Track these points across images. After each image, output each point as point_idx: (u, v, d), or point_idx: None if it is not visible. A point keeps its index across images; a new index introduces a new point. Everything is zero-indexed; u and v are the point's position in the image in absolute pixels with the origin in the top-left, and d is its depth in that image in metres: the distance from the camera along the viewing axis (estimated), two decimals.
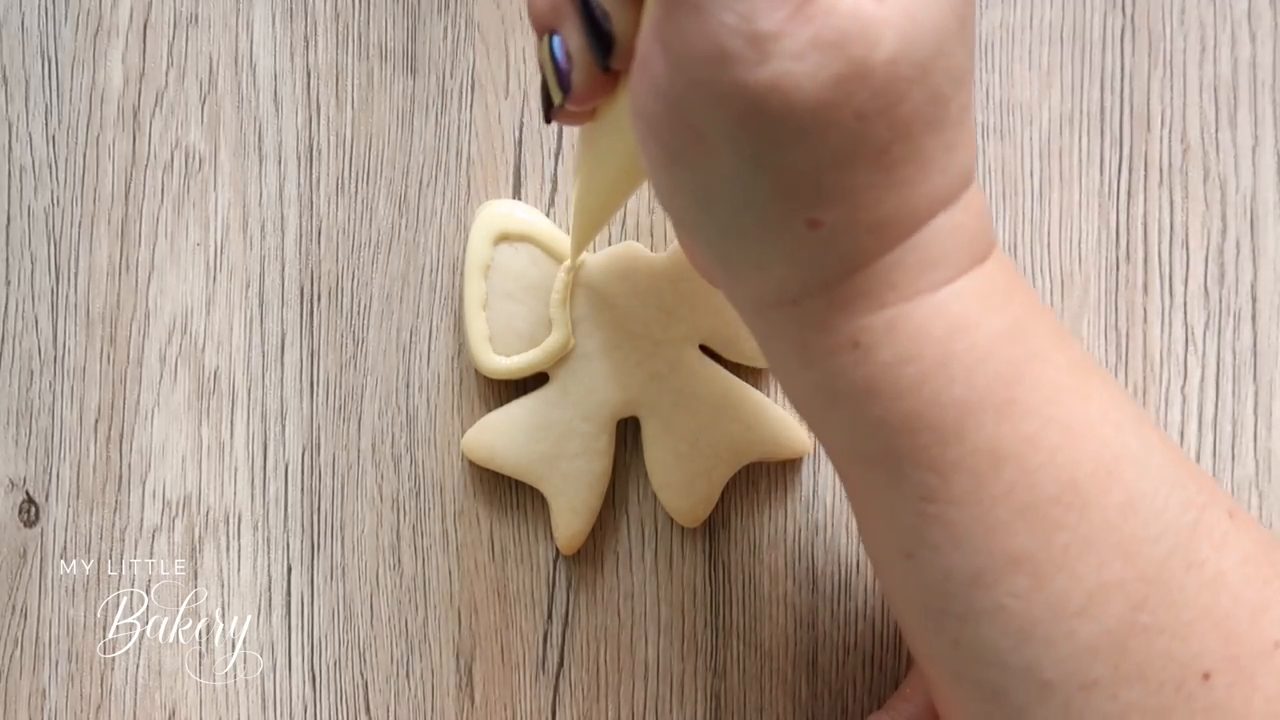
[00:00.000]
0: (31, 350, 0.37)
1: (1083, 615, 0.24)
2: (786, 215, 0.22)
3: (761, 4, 0.20)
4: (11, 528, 0.36)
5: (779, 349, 0.25)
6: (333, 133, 0.37)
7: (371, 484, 0.36)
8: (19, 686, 0.36)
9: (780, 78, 0.21)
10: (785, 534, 0.36)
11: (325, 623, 0.36)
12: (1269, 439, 0.36)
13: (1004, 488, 0.24)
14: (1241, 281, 0.36)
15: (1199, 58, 0.36)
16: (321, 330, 0.37)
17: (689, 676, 0.36)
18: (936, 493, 0.24)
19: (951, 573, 0.24)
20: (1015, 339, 0.24)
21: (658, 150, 0.23)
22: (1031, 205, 0.36)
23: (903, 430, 0.24)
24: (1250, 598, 0.24)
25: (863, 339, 0.23)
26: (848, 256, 0.23)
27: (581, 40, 0.24)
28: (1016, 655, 0.24)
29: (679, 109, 0.22)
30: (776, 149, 0.22)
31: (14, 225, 0.37)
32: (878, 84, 0.21)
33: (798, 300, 0.24)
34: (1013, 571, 0.24)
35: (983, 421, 0.23)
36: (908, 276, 0.23)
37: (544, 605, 0.36)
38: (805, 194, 0.22)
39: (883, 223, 0.23)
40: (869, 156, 0.22)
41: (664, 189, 0.24)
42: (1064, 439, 0.24)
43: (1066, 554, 0.24)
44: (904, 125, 0.22)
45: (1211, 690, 0.24)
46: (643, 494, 0.36)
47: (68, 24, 0.37)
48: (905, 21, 0.21)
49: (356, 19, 0.37)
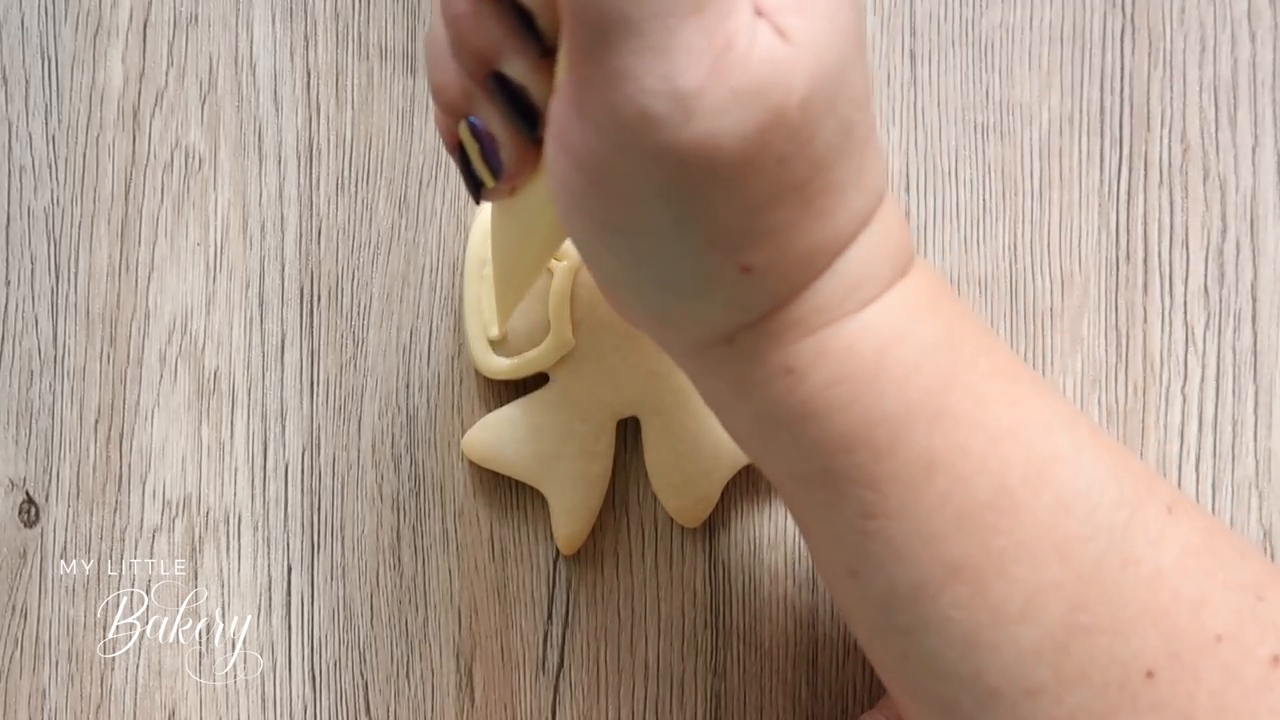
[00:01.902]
0: (31, 350, 0.37)
1: (1024, 619, 0.24)
2: (719, 264, 0.23)
3: (681, 63, 0.20)
4: (11, 528, 0.36)
5: (714, 385, 0.26)
6: (333, 133, 0.37)
7: (371, 484, 0.36)
8: (19, 686, 0.36)
9: (706, 134, 0.21)
10: (785, 534, 0.36)
11: (325, 623, 0.36)
12: (1269, 439, 0.36)
13: (939, 498, 0.24)
14: (1241, 281, 0.36)
15: (1199, 58, 0.36)
16: (321, 330, 0.37)
17: (689, 676, 0.36)
18: (875, 508, 0.24)
19: (895, 587, 0.24)
20: (943, 348, 0.24)
21: (584, 220, 0.23)
22: (1031, 205, 0.36)
23: (839, 449, 0.24)
24: (1190, 592, 0.24)
25: (795, 365, 0.24)
26: (777, 291, 0.23)
27: (503, 118, 0.24)
28: (963, 665, 0.24)
29: (604, 177, 0.22)
30: (705, 203, 0.22)
31: (14, 225, 0.37)
32: (794, 126, 0.21)
33: (731, 338, 0.24)
34: (954, 580, 0.24)
35: (914, 434, 0.24)
36: (834, 300, 0.24)
37: (544, 605, 0.36)
38: (736, 241, 0.22)
39: (808, 254, 0.23)
40: (791, 195, 0.22)
41: (594, 256, 0.24)
42: (993, 445, 0.24)
43: (1004, 559, 0.24)
44: (819, 160, 0.22)
45: (1156, 688, 0.24)
46: (643, 494, 0.36)
47: (68, 24, 0.37)
48: (813, 59, 0.21)
49: (356, 19, 0.37)
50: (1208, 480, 0.36)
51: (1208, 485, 0.36)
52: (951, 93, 0.36)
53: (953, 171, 0.36)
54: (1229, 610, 0.24)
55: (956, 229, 0.36)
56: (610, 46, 0.20)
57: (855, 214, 0.23)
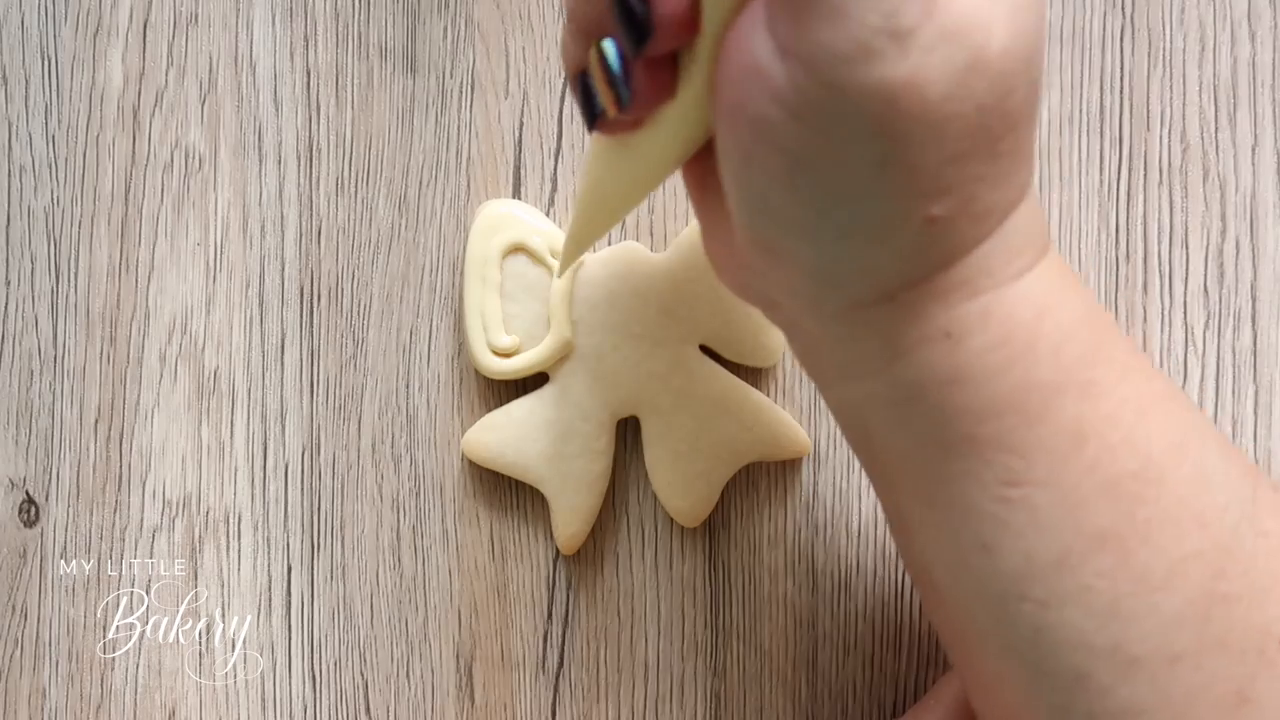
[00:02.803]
0: (31, 350, 0.37)
1: (1166, 588, 0.24)
2: (908, 211, 0.23)
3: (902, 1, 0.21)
4: (11, 528, 0.36)
5: (860, 350, 0.25)
6: (333, 133, 0.37)
7: (371, 484, 0.36)
8: (19, 686, 0.36)
9: (916, 72, 0.21)
10: (785, 534, 0.36)
11: (325, 623, 0.36)
12: (1269, 439, 0.36)
13: (1087, 466, 0.24)
14: (1241, 281, 0.36)
15: (1199, 58, 0.36)
16: (321, 330, 0.37)
17: (689, 676, 0.36)
18: (1020, 476, 0.24)
19: (1034, 557, 0.24)
20: (1089, 320, 0.25)
21: (777, 161, 0.23)
22: None
23: (988, 415, 0.24)
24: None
25: (955, 328, 0.24)
26: (953, 248, 0.23)
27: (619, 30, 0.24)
28: (1103, 635, 0.24)
29: (809, 115, 0.22)
30: (907, 145, 0.22)
31: (14, 225, 0.37)
32: (994, 75, 0.22)
33: (894, 296, 0.24)
34: (1097, 549, 0.24)
35: (1065, 402, 0.24)
36: (1000, 263, 0.24)
37: (544, 605, 0.36)
38: (928, 189, 0.22)
39: (986, 213, 0.23)
40: (984, 149, 0.22)
41: (769, 199, 0.24)
42: (1138, 416, 0.24)
43: (1149, 527, 0.24)
44: (1013, 117, 0.22)
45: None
46: (643, 494, 0.36)
47: (68, 24, 0.37)
48: (1010, 13, 0.22)
49: (356, 19, 0.37)
50: None
51: None
52: None
53: None
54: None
55: None
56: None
57: (1025, 180, 0.24)
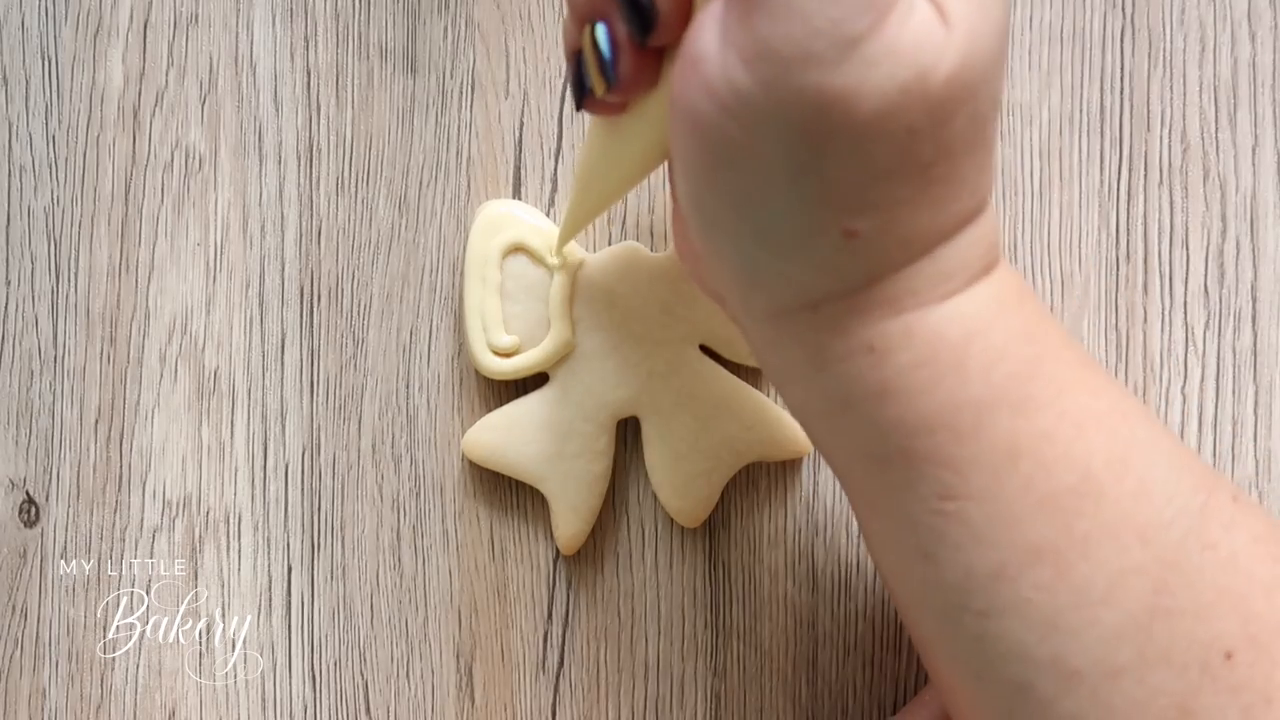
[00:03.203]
0: (31, 350, 0.37)
1: (1106, 602, 0.24)
2: (825, 223, 0.23)
3: (853, 8, 0.20)
4: (11, 528, 0.36)
5: (789, 355, 0.25)
6: (333, 133, 0.37)
7: (371, 484, 0.36)
8: (19, 686, 0.36)
9: (852, 84, 0.21)
10: (785, 534, 0.36)
11: (325, 623, 0.36)
12: (1269, 439, 0.36)
13: (1022, 481, 0.24)
14: (1241, 281, 0.36)
15: (1199, 58, 0.36)
16: (321, 330, 0.37)
17: (689, 676, 0.36)
18: (955, 490, 0.24)
19: (973, 569, 0.24)
20: (1027, 338, 0.25)
21: (701, 153, 0.23)
22: (1031, 205, 0.36)
23: (919, 430, 0.24)
24: (1263, 576, 0.25)
25: (878, 344, 0.24)
26: (874, 266, 0.23)
27: (624, 23, 0.24)
28: (1042, 647, 0.24)
29: (737, 110, 0.22)
30: (829, 156, 0.22)
31: (14, 225, 0.37)
32: (933, 100, 0.21)
33: (816, 306, 0.24)
34: (1035, 563, 0.24)
35: (998, 419, 0.24)
36: (927, 285, 0.24)
37: (544, 605, 0.36)
38: (848, 203, 0.22)
39: (913, 236, 0.23)
40: (912, 172, 0.22)
41: (698, 193, 0.24)
42: (1077, 431, 0.24)
43: (1087, 542, 0.24)
44: (947, 145, 0.22)
45: (1234, 669, 0.24)
46: (643, 494, 0.36)
47: (68, 24, 0.37)
48: (964, 42, 0.21)
49: (356, 19, 0.37)
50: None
51: None
52: None
53: None
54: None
55: None
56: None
57: (965, 210, 0.24)
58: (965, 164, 0.23)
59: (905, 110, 0.21)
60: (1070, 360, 0.25)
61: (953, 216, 0.24)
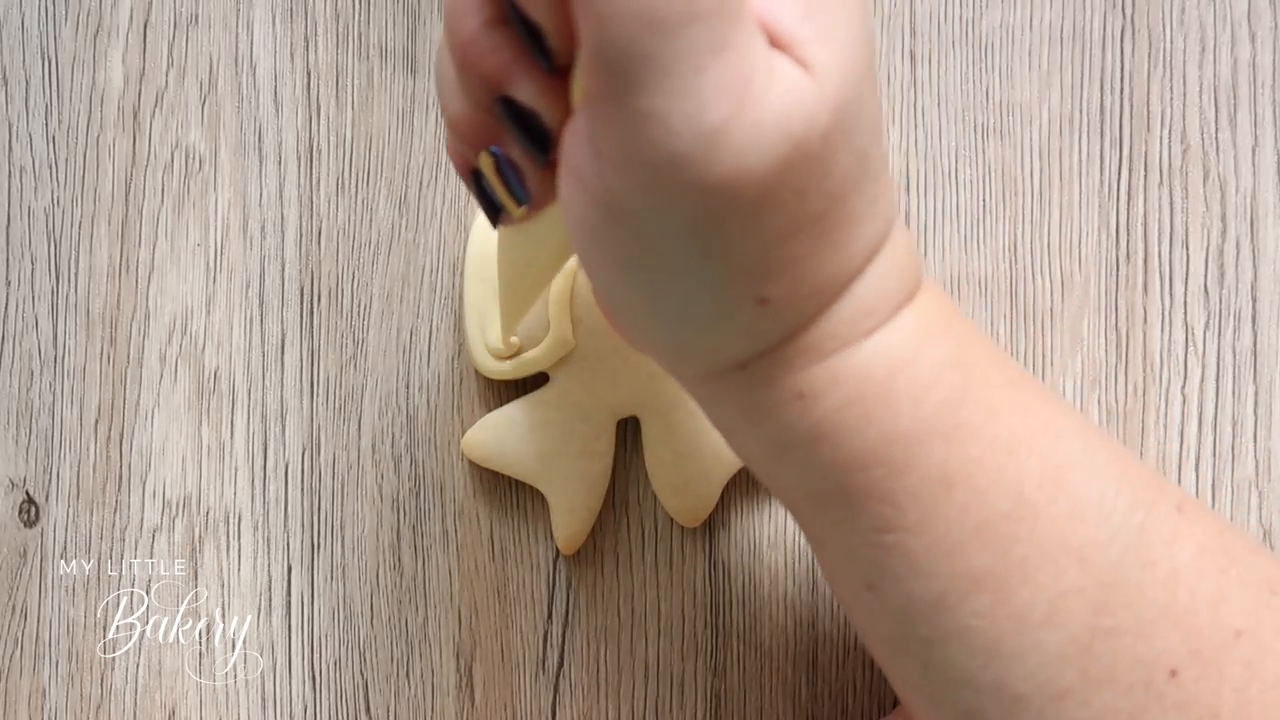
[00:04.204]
0: (31, 350, 0.37)
1: (1047, 625, 0.24)
2: (737, 297, 0.23)
3: (707, 101, 0.20)
4: (11, 528, 0.36)
5: (725, 411, 0.26)
6: (333, 133, 0.37)
7: (371, 484, 0.36)
8: (19, 686, 0.36)
9: (730, 171, 0.20)
10: (785, 534, 0.36)
11: (325, 623, 0.36)
12: (1269, 439, 0.36)
13: (957, 510, 0.24)
14: (1241, 281, 0.36)
15: (1199, 58, 0.36)
16: (321, 330, 0.37)
17: (689, 676, 0.36)
18: (892, 523, 0.24)
19: (914, 599, 0.24)
20: (955, 364, 0.24)
21: (600, 256, 0.23)
22: (1031, 205, 0.36)
23: (853, 468, 0.24)
24: (1207, 590, 0.24)
25: (807, 389, 0.24)
26: (792, 322, 0.23)
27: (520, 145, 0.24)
28: (986, 673, 0.24)
29: (622, 215, 0.22)
30: (724, 237, 0.22)
31: (14, 225, 0.37)
32: (814, 158, 0.21)
33: (744, 365, 0.24)
34: (974, 590, 0.24)
35: (930, 450, 0.24)
36: (847, 325, 0.24)
37: (544, 605, 0.36)
38: (754, 274, 0.22)
39: (823, 284, 0.23)
40: (808, 227, 0.22)
41: (608, 290, 0.24)
42: (1008, 455, 0.24)
43: (1025, 566, 0.24)
44: (835, 191, 0.22)
45: (1180, 686, 0.24)
46: (643, 494, 0.36)
47: (68, 24, 0.37)
48: (836, 89, 0.21)
49: (356, 19, 0.37)
50: (1208, 480, 0.36)
51: (1208, 485, 0.36)
52: (951, 93, 0.36)
53: (953, 172, 0.36)
54: (1246, 606, 0.25)
55: (956, 229, 0.36)
56: (635, 88, 0.20)
57: (869, 243, 0.23)
58: (857, 201, 0.23)
59: (787, 179, 0.21)
60: (999, 382, 0.25)
61: (858, 254, 0.23)
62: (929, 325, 0.25)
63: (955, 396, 0.24)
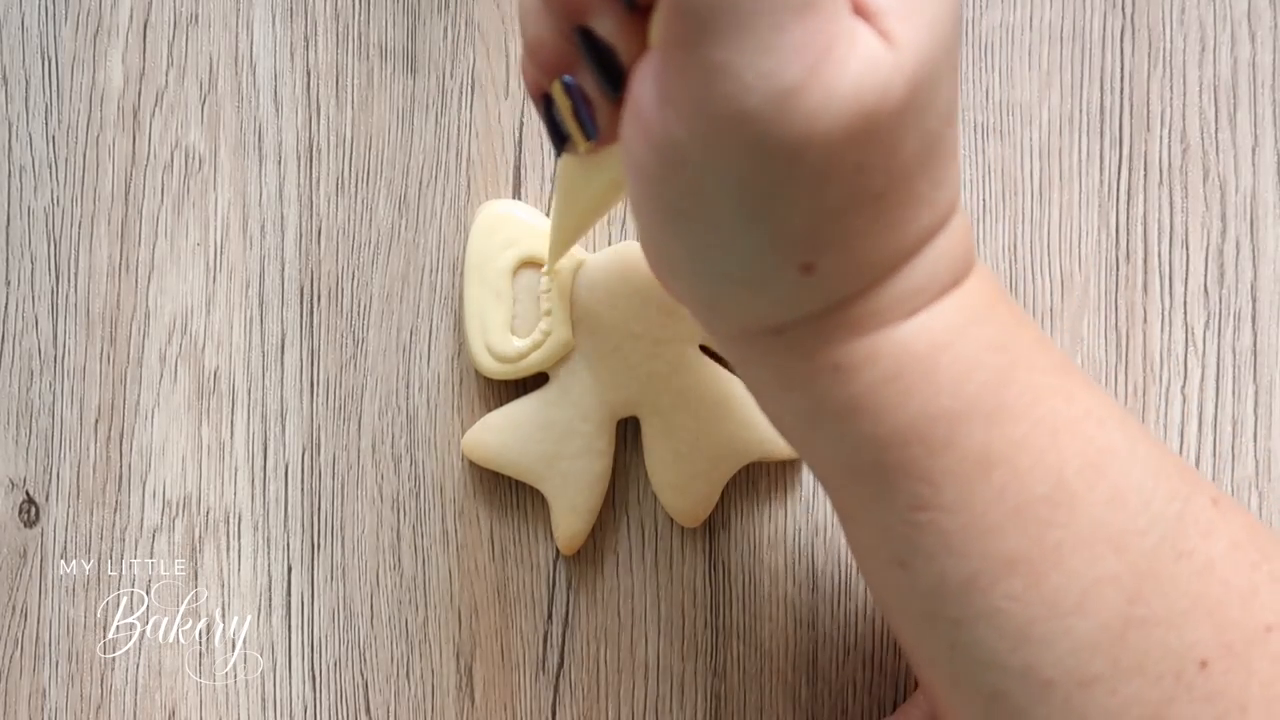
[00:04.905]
0: (31, 350, 0.37)
1: (1079, 611, 0.24)
2: (781, 262, 0.23)
3: (785, 60, 0.20)
4: (11, 528, 0.36)
5: (758, 373, 0.25)
6: (333, 133, 0.37)
7: (371, 484, 0.36)
8: (19, 686, 0.36)
9: (797, 134, 0.20)
10: (785, 534, 0.36)
11: (325, 623, 0.36)
12: (1269, 439, 0.36)
13: (995, 491, 0.24)
14: (1241, 281, 0.36)
15: (1199, 58, 0.36)
16: (321, 330, 0.37)
17: (689, 676, 0.36)
18: (928, 501, 0.24)
19: (946, 578, 0.24)
20: (999, 347, 0.24)
21: (653, 204, 0.23)
22: (1031, 205, 0.36)
23: (891, 444, 0.24)
24: (1239, 583, 0.24)
25: (844, 362, 0.24)
26: (835, 294, 0.23)
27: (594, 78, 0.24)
28: (1015, 656, 0.24)
29: (680, 164, 0.22)
30: (777, 201, 0.21)
31: (14, 225, 0.37)
32: (880, 135, 0.21)
33: (780, 330, 0.24)
34: (1007, 573, 0.24)
35: (971, 429, 0.24)
36: (891, 305, 0.23)
37: (544, 605, 0.36)
38: (801, 242, 0.22)
39: (872, 263, 0.23)
40: (864, 204, 0.22)
41: (654, 237, 0.24)
42: (1050, 439, 0.24)
43: (1059, 551, 0.24)
44: (899, 171, 0.22)
45: (1209, 678, 0.24)
46: (643, 494, 0.36)
47: (68, 24, 0.37)
48: (914, 66, 0.21)
49: (356, 19, 0.37)
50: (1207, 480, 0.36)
51: None
52: None
53: None
54: (1276, 601, 0.24)
55: None
56: (713, 39, 0.20)
57: (926, 226, 0.23)
58: (920, 184, 0.22)
59: (851, 151, 0.21)
60: (1044, 366, 0.25)
61: (913, 237, 0.23)
62: (976, 306, 0.24)
63: (999, 378, 0.24)
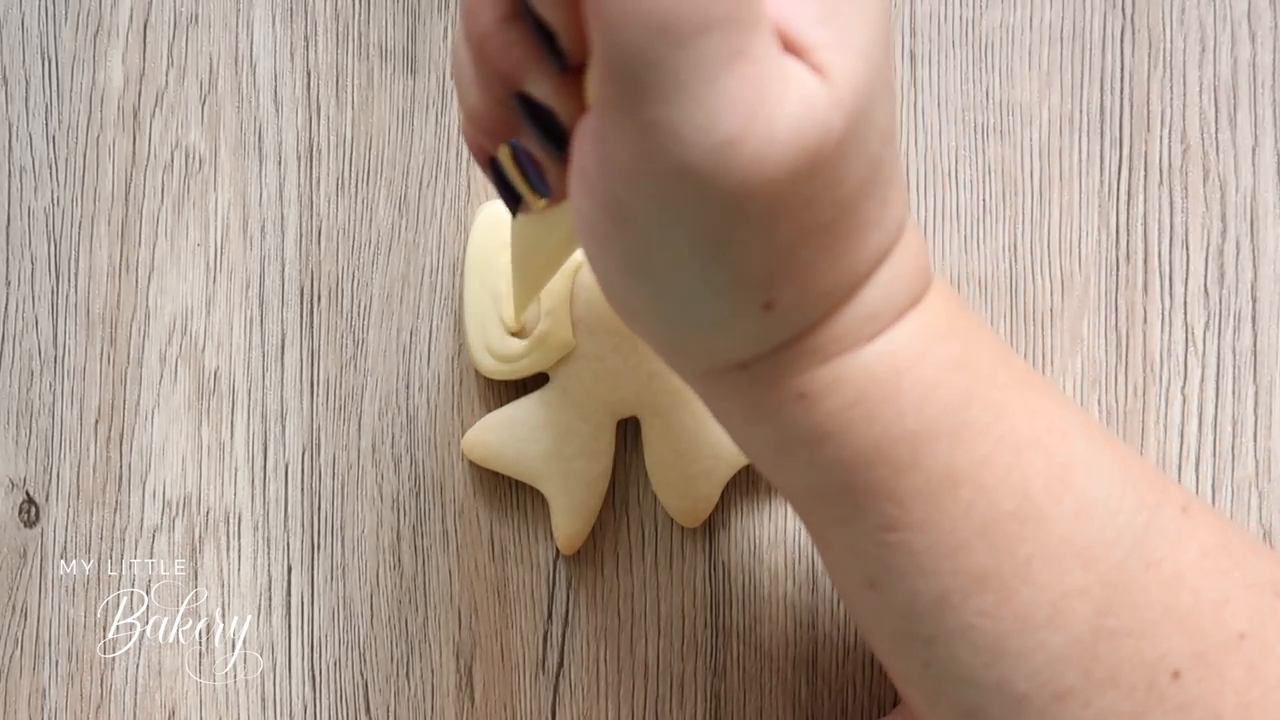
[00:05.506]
0: (31, 350, 0.37)
1: (1050, 625, 0.24)
2: (742, 303, 0.23)
3: (720, 112, 0.19)
4: (11, 528, 0.36)
5: (726, 408, 0.25)
6: (333, 133, 0.37)
7: (371, 484, 0.36)
8: (19, 686, 0.36)
9: (739, 182, 0.20)
10: (785, 534, 0.36)
11: (325, 623, 0.36)
12: (1269, 439, 0.36)
13: (962, 509, 0.24)
14: (1241, 281, 0.36)
15: (1199, 58, 0.36)
16: (321, 330, 0.37)
17: (689, 676, 0.36)
18: (896, 521, 0.24)
19: (917, 597, 0.24)
20: (960, 365, 0.24)
21: (607, 259, 0.23)
22: (1031, 205, 0.36)
23: (858, 466, 0.24)
24: (1210, 591, 0.24)
25: (809, 390, 0.24)
26: (797, 325, 0.23)
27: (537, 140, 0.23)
28: (988, 672, 0.24)
29: (630, 222, 0.21)
30: (730, 246, 0.21)
31: (14, 225, 0.37)
32: (827, 167, 0.21)
33: (746, 365, 0.24)
34: (978, 590, 0.24)
35: (936, 449, 0.24)
36: (852, 329, 0.23)
37: (544, 605, 0.36)
38: (759, 282, 0.22)
39: (830, 289, 0.23)
40: (815, 235, 0.22)
41: (612, 290, 0.24)
42: (1014, 456, 0.24)
43: (1029, 566, 0.24)
44: (847, 199, 0.22)
45: (1183, 688, 0.24)
46: (643, 494, 0.36)
47: (68, 24, 0.37)
48: (851, 97, 0.21)
49: (356, 19, 0.37)
50: (1208, 480, 0.36)
51: (1208, 485, 0.36)
52: (951, 93, 0.36)
53: (953, 171, 0.36)
54: (1249, 608, 0.24)
55: (956, 229, 0.36)
56: (646, 97, 0.19)
57: (878, 248, 0.23)
58: (868, 206, 0.22)
59: (797, 189, 0.21)
60: (1005, 382, 0.25)
61: (865, 260, 0.23)
62: (935, 325, 0.24)
63: (961, 397, 0.24)
